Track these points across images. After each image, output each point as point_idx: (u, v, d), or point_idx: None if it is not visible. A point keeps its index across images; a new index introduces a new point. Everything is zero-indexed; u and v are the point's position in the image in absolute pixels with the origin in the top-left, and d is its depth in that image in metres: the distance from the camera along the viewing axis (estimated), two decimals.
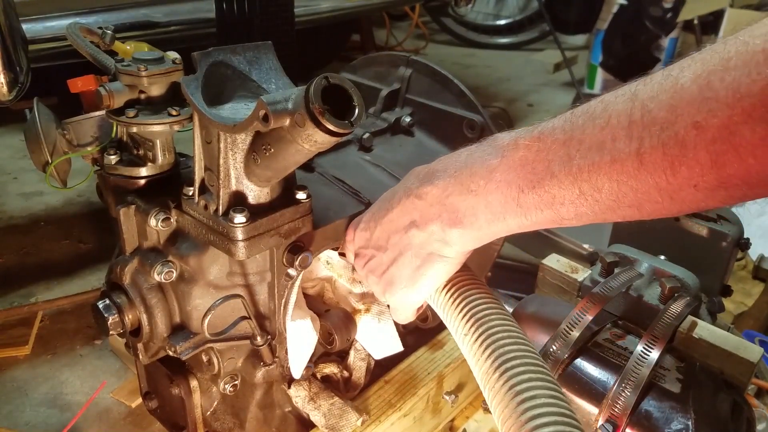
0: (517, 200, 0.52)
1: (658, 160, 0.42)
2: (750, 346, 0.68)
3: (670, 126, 0.41)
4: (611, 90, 0.47)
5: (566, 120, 0.49)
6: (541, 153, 0.50)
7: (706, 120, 0.39)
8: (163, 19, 1.46)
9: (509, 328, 0.58)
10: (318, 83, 0.54)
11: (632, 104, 0.43)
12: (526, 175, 0.50)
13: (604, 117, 0.45)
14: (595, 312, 0.70)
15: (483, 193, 0.54)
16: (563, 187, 0.48)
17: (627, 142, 0.43)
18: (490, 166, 0.53)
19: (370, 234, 0.66)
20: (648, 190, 0.44)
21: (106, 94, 0.72)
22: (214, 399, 0.82)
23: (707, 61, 0.40)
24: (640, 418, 0.61)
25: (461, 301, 0.62)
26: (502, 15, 3.62)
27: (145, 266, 0.71)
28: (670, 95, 0.41)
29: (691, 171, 0.41)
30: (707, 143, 0.39)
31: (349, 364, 0.85)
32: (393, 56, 1.06)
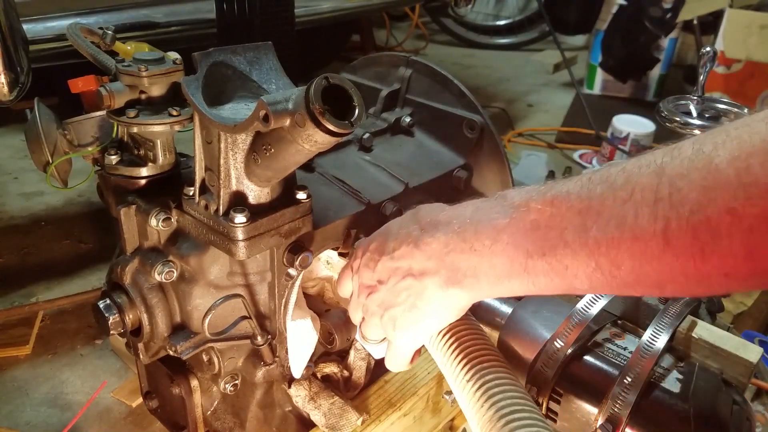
0: (524, 265, 0.48)
1: (687, 244, 0.38)
2: (750, 346, 0.68)
3: (701, 209, 0.37)
4: (634, 156, 0.44)
5: (582, 186, 0.45)
6: (554, 219, 0.46)
7: (744, 208, 0.36)
8: (164, 20, 1.46)
9: (507, 382, 0.56)
10: (318, 83, 0.54)
11: (659, 179, 0.40)
12: (536, 241, 0.47)
13: (627, 189, 0.42)
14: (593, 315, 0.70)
15: (488, 254, 0.50)
16: (578, 259, 0.45)
17: (652, 220, 0.40)
18: (498, 225, 0.50)
19: (374, 267, 0.62)
20: (673, 272, 0.40)
21: (107, 95, 0.72)
22: (215, 398, 0.82)
23: (745, 141, 0.37)
24: (640, 418, 0.61)
25: (458, 352, 0.60)
26: (501, 15, 3.62)
27: (146, 266, 0.72)
28: (702, 176, 0.38)
29: (723, 260, 0.38)
30: (743, 232, 0.36)
31: (349, 363, 0.85)
32: (393, 56, 1.07)
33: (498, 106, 2.50)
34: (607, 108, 2.35)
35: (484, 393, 0.54)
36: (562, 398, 0.65)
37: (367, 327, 0.66)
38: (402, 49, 3.24)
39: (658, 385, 0.63)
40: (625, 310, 0.76)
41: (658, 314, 0.70)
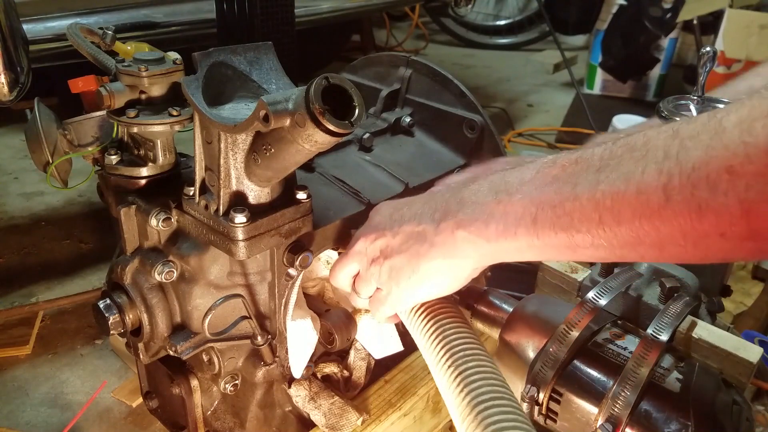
0: (534, 216, 0.50)
1: (686, 200, 0.40)
2: (750, 346, 0.68)
3: (702, 166, 0.39)
4: (655, 124, 0.46)
5: (606, 149, 0.47)
6: (573, 175, 0.48)
7: (742, 165, 0.37)
8: (164, 20, 1.46)
9: (484, 366, 0.58)
10: (318, 83, 0.54)
11: (672, 141, 0.42)
12: (550, 194, 0.49)
13: (643, 150, 0.44)
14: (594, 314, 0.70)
15: (504, 201, 0.53)
16: (583, 212, 0.46)
17: (656, 175, 0.41)
18: (524, 178, 0.53)
19: (389, 214, 0.64)
20: (671, 231, 0.42)
21: (107, 95, 0.72)
22: (215, 398, 0.82)
23: (755, 107, 0.38)
24: (640, 418, 0.61)
25: (435, 332, 0.62)
26: (501, 15, 3.62)
27: (146, 266, 0.72)
28: (710, 136, 0.39)
29: (719, 218, 0.39)
30: (739, 191, 0.37)
31: (350, 363, 0.85)
32: (393, 56, 1.07)
33: (498, 106, 2.50)
34: (607, 108, 2.35)
35: (461, 381, 0.56)
36: (562, 398, 0.65)
37: (364, 281, 0.68)
38: (402, 49, 3.24)
39: (658, 386, 0.63)
40: (625, 310, 0.76)
41: (658, 314, 0.70)
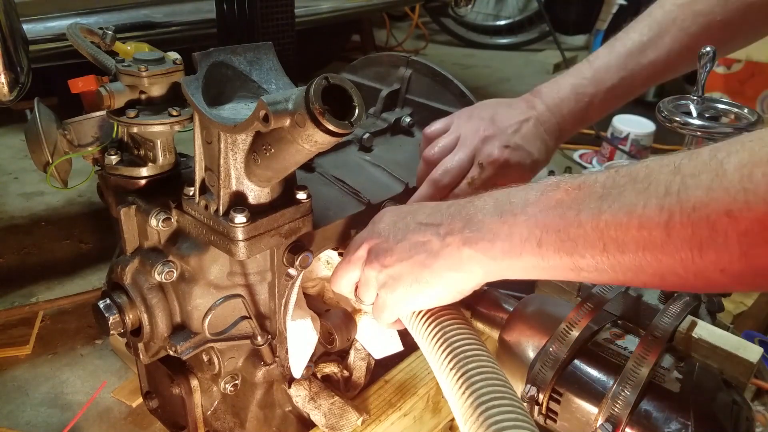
0: (539, 239, 0.52)
1: (686, 238, 0.41)
2: (750, 346, 0.68)
3: (703, 207, 0.40)
4: (658, 156, 0.47)
5: (609, 177, 0.49)
6: (576, 201, 0.50)
7: (741, 211, 0.38)
8: (164, 20, 1.46)
9: (487, 367, 0.58)
10: (318, 83, 0.54)
11: (673, 177, 0.43)
12: (555, 218, 0.51)
13: (644, 183, 0.45)
14: (594, 314, 0.70)
15: (509, 222, 0.54)
16: (587, 239, 0.48)
17: (657, 211, 0.43)
18: (528, 199, 0.54)
19: (393, 221, 0.64)
20: (672, 264, 0.43)
21: (107, 95, 0.72)
22: (215, 398, 0.82)
23: (755, 152, 0.39)
24: (640, 418, 0.61)
25: (437, 334, 0.62)
26: (501, 15, 3.62)
27: (146, 266, 0.72)
28: (710, 177, 0.41)
29: (719, 256, 0.40)
30: (739, 234, 0.39)
31: (350, 363, 0.85)
32: (393, 57, 1.07)
33: None
34: None
35: (464, 382, 0.56)
36: (562, 398, 0.65)
37: (365, 288, 0.68)
38: (402, 49, 3.24)
39: (658, 386, 0.63)
40: (625, 310, 0.76)
41: (658, 314, 0.70)
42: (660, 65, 0.83)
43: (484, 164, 0.81)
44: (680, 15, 0.82)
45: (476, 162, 0.82)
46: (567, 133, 0.87)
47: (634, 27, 0.85)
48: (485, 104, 0.90)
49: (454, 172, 0.82)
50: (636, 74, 0.84)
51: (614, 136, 2.01)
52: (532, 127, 0.84)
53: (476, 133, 0.84)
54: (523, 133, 0.83)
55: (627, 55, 0.84)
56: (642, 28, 0.84)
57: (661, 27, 0.83)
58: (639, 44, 0.83)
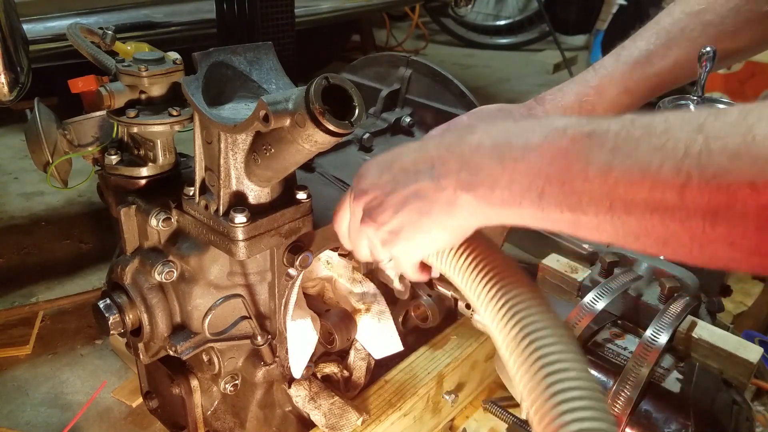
0: (540, 189, 0.48)
1: (701, 205, 0.39)
2: (750, 346, 0.68)
3: (725, 174, 0.37)
4: (681, 109, 0.44)
5: (623, 126, 0.45)
6: (583, 151, 0.45)
7: (765, 184, 0.36)
8: (164, 20, 1.46)
9: (532, 296, 0.55)
10: (318, 83, 0.54)
11: (696, 136, 0.40)
12: (559, 169, 0.47)
13: (663, 138, 0.41)
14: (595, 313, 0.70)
15: (511, 168, 0.50)
16: (593, 196, 0.45)
17: (674, 172, 0.40)
18: (530, 143, 0.49)
19: (378, 173, 0.60)
20: (680, 231, 0.41)
21: (107, 95, 0.72)
22: (215, 398, 0.82)
23: None
24: (640, 418, 0.61)
25: (479, 268, 0.58)
26: (501, 15, 3.62)
27: (146, 266, 0.72)
28: (737, 142, 0.37)
29: (731, 228, 0.38)
30: (759, 207, 0.36)
31: (350, 363, 0.85)
32: (393, 57, 1.07)
33: None
34: None
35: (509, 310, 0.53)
36: None
37: (374, 249, 0.63)
38: (402, 49, 3.24)
39: (659, 385, 0.63)
40: (625, 310, 0.76)
41: (658, 314, 0.70)
42: (667, 75, 0.82)
43: None
44: (689, 24, 0.80)
45: None
46: None
47: (641, 35, 0.84)
48: (486, 111, 0.90)
49: None
50: (642, 83, 0.82)
51: None
52: None
53: None
54: None
55: (633, 63, 0.83)
56: (649, 36, 0.83)
57: (668, 36, 0.81)
58: (646, 53, 0.82)
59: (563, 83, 0.87)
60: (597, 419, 0.46)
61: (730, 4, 0.77)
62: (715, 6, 0.79)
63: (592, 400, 0.47)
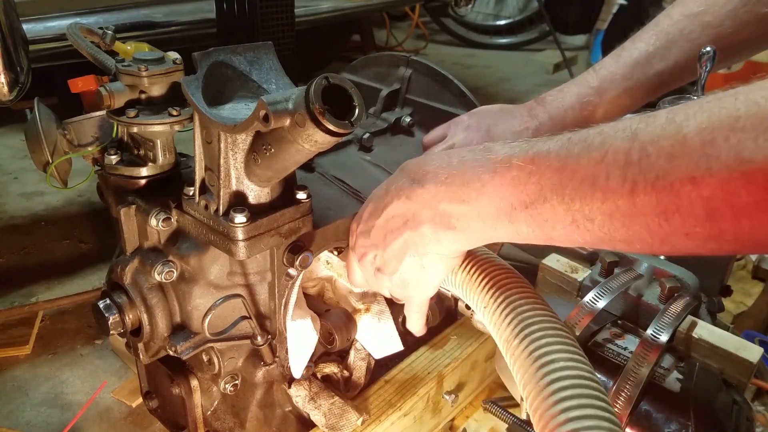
0: (509, 216, 0.52)
1: (651, 205, 0.42)
2: (750, 346, 0.68)
3: (666, 175, 0.40)
4: (611, 120, 0.47)
5: (562, 146, 0.48)
6: (533, 176, 0.49)
7: (704, 177, 0.38)
8: (164, 20, 1.46)
9: (531, 298, 0.58)
10: (318, 83, 0.54)
11: (631, 144, 0.43)
12: (518, 195, 0.51)
13: (601, 151, 0.45)
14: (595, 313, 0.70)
15: (475, 204, 0.54)
16: (556, 213, 0.48)
17: (620, 182, 0.43)
18: (482, 180, 0.53)
19: (368, 234, 0.66)
20: (639, 230, 0.44)
21: (107, 94, 0.72)
22: (215, 398, 0.82)
23: (714, 114, 0.39)
24: (640, 418, 0.61)
25: (479, 276, 0.63)
26: (501, 15, 3.62)
27: (146, 266, 0.72)
28: (671, 143, 0.40)
29: (683, 221, 0.41)
30: (703, 199, 0.39)
31: (350, 363, 0.85)
32: (393, 56, 1.07)
33: None
34: None
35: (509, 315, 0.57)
36: None
37: (387, 291, 0.71)
38: (402, 49, 3.24)
39: (659, 385, 0.63)
40: (625, 310, 0.76)
41: (658, 314, 0.70)
42: (666, 76, 0.83)
43: None
44: (688, 26, 0.81)
45: None
46: None
47: (640, 36, 0.85)
48: (486, 111, 0.90)
49: None
50: (642, 84, 0.83)
51: None
52: (531, 138, 0.84)
53: (468, 145, 0.84)
54: None
55: (633, 65, 0.83)
56: (649, 38, 0.84)
57: (668, 37, 0.82)
58: (645, 54, 0.83)
59: (563, 84, 0.88)
60: (600, 417, 0.47)
61: (728, 6, 0.78)
62: (714, 8, 0.79)
63: (595, 399, 0.48)
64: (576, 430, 0.46)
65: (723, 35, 0.79)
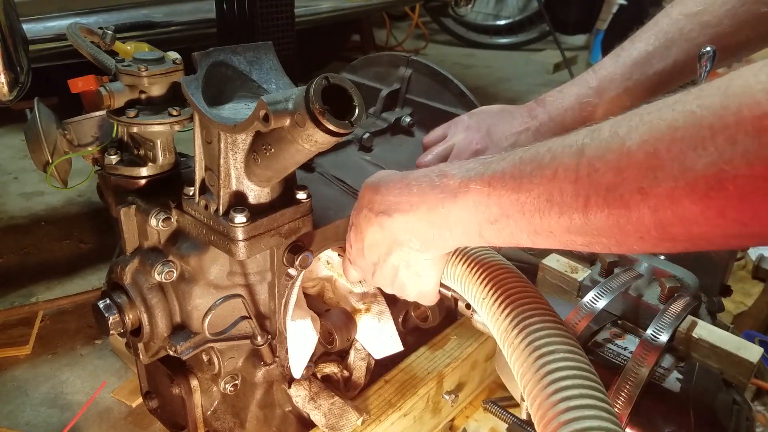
0: (479, 232, 0.55)
1: (605, 217, 0.43)
2: (750, 346, 0.68)
3: (615, 188, 0.42)
4: (560, 136, 0.49)
5: (515, 165, 0.51)
6: (492, 197, 0.52)
7: (651, 187, 0.40)
8: (164, 20, 1.46)
9: (528, 291, 0.59)
10: (318, 83, 0.54)
11: (579, 159, 0.45)
12: (482, 215, 0.53)
13: (552, 168, 0.47)
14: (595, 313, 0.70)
15: (445, 226, 0.57)
16: (519, 227, 0.51)
17: (574, 197, 0.45)
18: (446, 206, 0.56)
19: (359, 258, 0.68)
20: (595, 239, 0.46)
21: (107, 94, 0.72)
22: (215, 398, 0.82)
23: (654, 126, 0.40)
24: (640, 418, 0.61)
25: (476, 270, 0.64)
26: (501, 15, 3.62)
27: (146, 266, 0.72)
28: (616, 157, 0.42)
29: (636, 228, 0.42)
30: (651, 208, 0.40)
31: (349, 363, 0.85)
32: (393, 56, 1.07)
33: None
34: None
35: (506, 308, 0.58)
36: None
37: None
38: (402, 49, 3.24)
39: (659, 385, 0.63)
40: (625, 310, 0.76)
41: (658, 314, 0.70)
42: (666, 76, 0.83)
43: None
44: (687, 25, 0.81)
45: None
46: None
47: (639, 36, 0.85)
48: (487, 111, 0.90)
49: None
50: (641, 84, 0.83)
51: None
52: (530, 138, 0.84)
53: (469, 145, 0.84)
54: (519, 145, 0.83)
55: (632, 65, 0.84)
56: (648, 37, 0.84)
57: (667, 37, 0.82)
58: (645, 54, 0.83)
59: (563, 85, 0.88)
60: (599, 408, 0.48)
61: (727, 5, 0.78)
62: (713, 7, 0.79)
63: (594, 390, 0.50)
64: (576, 418, 0.47)
65: (722, 34, 0.79)
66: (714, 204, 0.37)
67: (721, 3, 0.79)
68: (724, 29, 0.79)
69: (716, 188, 0.37)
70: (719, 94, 0.37)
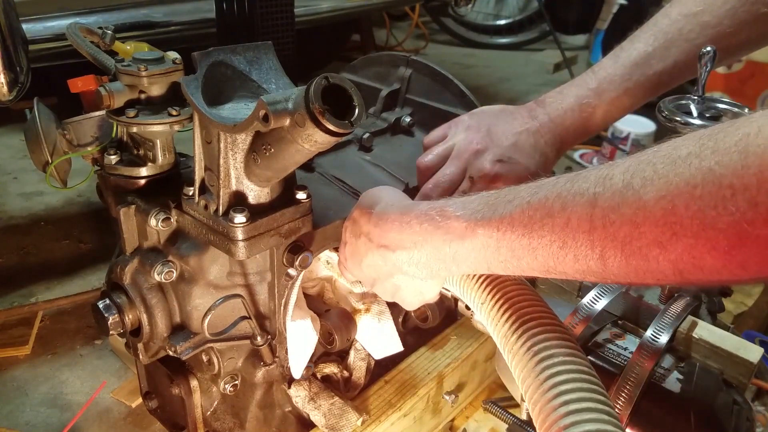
0: (487, 268, 0.55)
1: (622, 266, 0.44)
2: (750, 346, 0.68)
3: (632, 241, 0.42)
4: (563, 176, 0.48)
5: (523, 212, 0.50)
6: (502, 242, 0.51)
7: (670, 242, 0.40)
8: (163, 19, 1.46)
9: (527, 294, 0.60)
10: (318, 83, 0.54)
11: (592, 210, 0.44)
12: (492, 255, 0.53)
13: (563, 217, 0.46)
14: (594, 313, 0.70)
15: (453, 262, 0.57)
16: (532, 267, 0.51)
17: (589, 247, 0.45)
18: (452, 247, 0.55)
19: (359, 270, 0.68)
20: (612, 278, 0.46)
21: (106, 94, 0.72)
22: (215, 399, 0.82)
23: (671, 182, 0.40)
24: (640, 419, 0.61)
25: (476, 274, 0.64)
26: (502, 15, 3.62)
27: (146, 266, 0.71)
28: (632, 211, 0.42)
29: (654, 274, 0.43)
30: (670, 261, 0.41)
31: (349, 364, 0.85)
32: (393, 56, 1.06)
33: None
34: None
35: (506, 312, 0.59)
36: None
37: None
38: (402, 49, 3.24)
39: (659, 386, 0.63)
40: (625, 310, 0.76)
41: (658, 314, 0.70)
42: (665, 76, 0.83)
43: (475, 178, 0.82)
44: (686, 26, 0.81)
45: (467, 176, 0.82)
46: (569, 144, 0.87)
47: (639, 37, 0.85)
48: (487, 111, 0.90)
49: (444, 186, 0.82)
50: (641, 85, 0.83)
51: (615, 136, 2.01)
52: (530, 138, 0.84)
53: (469, 145, 0.84)
54: (519, 145, 0.83)
55: (632, 65, 0.83)
56: (647, 38, 0.83)
57: (667, 37, 0.82)
58: (644, 55, 0.83)
59: (563, 85, 0.88)
60: (600, 410, 0.48)
61: (726, 5, 0.78)
62: (712, 8, 0.79)
63: (595, 393, 0.50)
64: (577, 422, 0.47)
65: (722, 35, 0.79)
66: (735, 259, 0.37)
67: (721, 3, 0.79)
68: (724, 29, 0.79)
69: (737, 245, 0.37)
70: (738, 151, 0.37)
